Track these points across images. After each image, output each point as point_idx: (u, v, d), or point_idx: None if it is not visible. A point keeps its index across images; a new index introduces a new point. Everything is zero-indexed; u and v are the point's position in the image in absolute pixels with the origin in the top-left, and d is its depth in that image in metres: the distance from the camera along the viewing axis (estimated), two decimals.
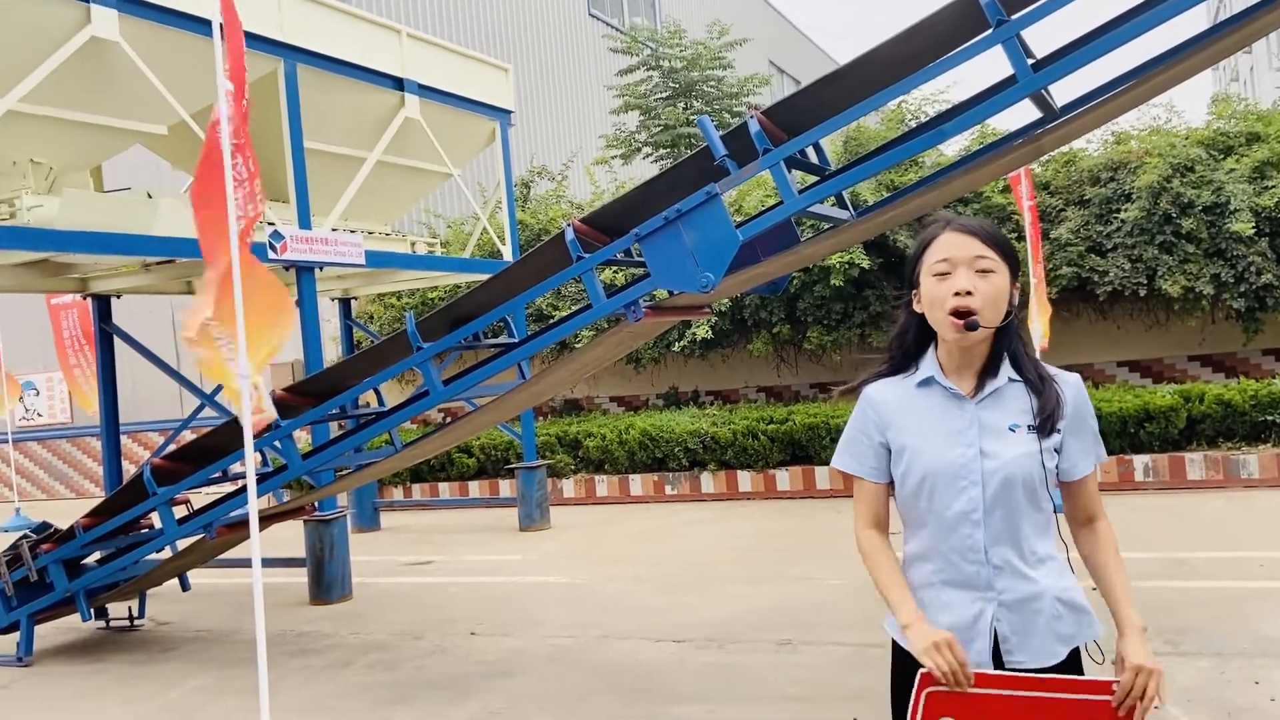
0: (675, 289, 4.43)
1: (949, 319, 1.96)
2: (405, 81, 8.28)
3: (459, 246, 12.49)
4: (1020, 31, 3.73)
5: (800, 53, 32.94)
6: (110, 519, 5.90)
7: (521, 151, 15.92)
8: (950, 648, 1.85)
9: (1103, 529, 2.04)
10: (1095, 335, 10.21)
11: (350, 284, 9.85)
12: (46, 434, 16.47)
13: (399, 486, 11.83)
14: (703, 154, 4.46)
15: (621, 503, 10.79)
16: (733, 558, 7.59)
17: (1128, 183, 9.49)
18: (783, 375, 11.85)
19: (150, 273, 7.34)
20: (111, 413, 8.20)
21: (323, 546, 7.10)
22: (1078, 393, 2.03)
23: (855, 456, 2.11)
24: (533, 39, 18.70)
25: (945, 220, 2.04)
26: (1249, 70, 43.07)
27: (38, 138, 5.94)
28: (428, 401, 5.21)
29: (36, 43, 5.52)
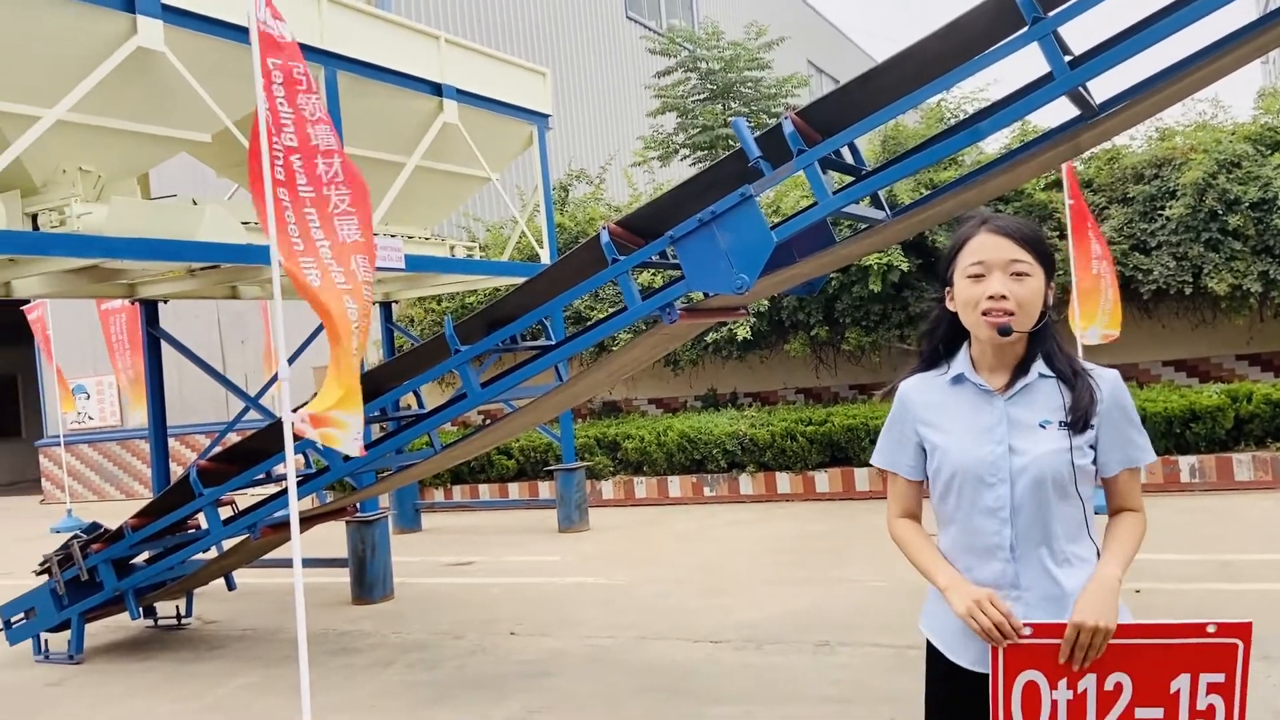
0: (710, 291, 4.44)
1: (983, 321, 1.95)
2: (443, 87, 8.36)
3: (498, 249, 12.59)
4: (1057, 29, 3.70)
5: (839, 52, 32.74)
6: (158, 520, 6.02)
7: (559, 153, 16.01)
8: (992, 602, 1.85)
9: (1130, 516, 2.01)
10: (1140, 334, 10.03)
11: (390, 288, 9.96)
12: (97, 437, 16.85)
13: (440, 488, 11.94)
14: (737, 155, 4.47)
15: (660, 504, 10.81)
16: (771, 559, 7.57)
17: (1172, 179, 9.32)
18: (821, 376, 11.79)
19: (195, 278, 7.48)
20: (159, 416, 8.37)
21: (364, 547, 7.19)
22: (1114, 388, 1.99)
23: (890, 453, 2.13)
24: (570, 41, 18.79)
25: (981, 219, 2.03)
26: None
27: (86, 146, 6.08)
28: (466, 404, 5.27)
29: (85, 54, 5.65)
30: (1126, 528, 1.99)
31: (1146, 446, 2.03)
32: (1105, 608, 1.83)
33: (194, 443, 15.69)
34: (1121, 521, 2.01)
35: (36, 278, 6.72)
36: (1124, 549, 1.96)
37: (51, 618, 6.19)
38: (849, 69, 32.50)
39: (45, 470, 17.41)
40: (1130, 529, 1.99)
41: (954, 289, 2.03)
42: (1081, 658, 1.82)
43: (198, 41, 6.16)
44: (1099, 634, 1.80)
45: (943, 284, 2.08)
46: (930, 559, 2.02)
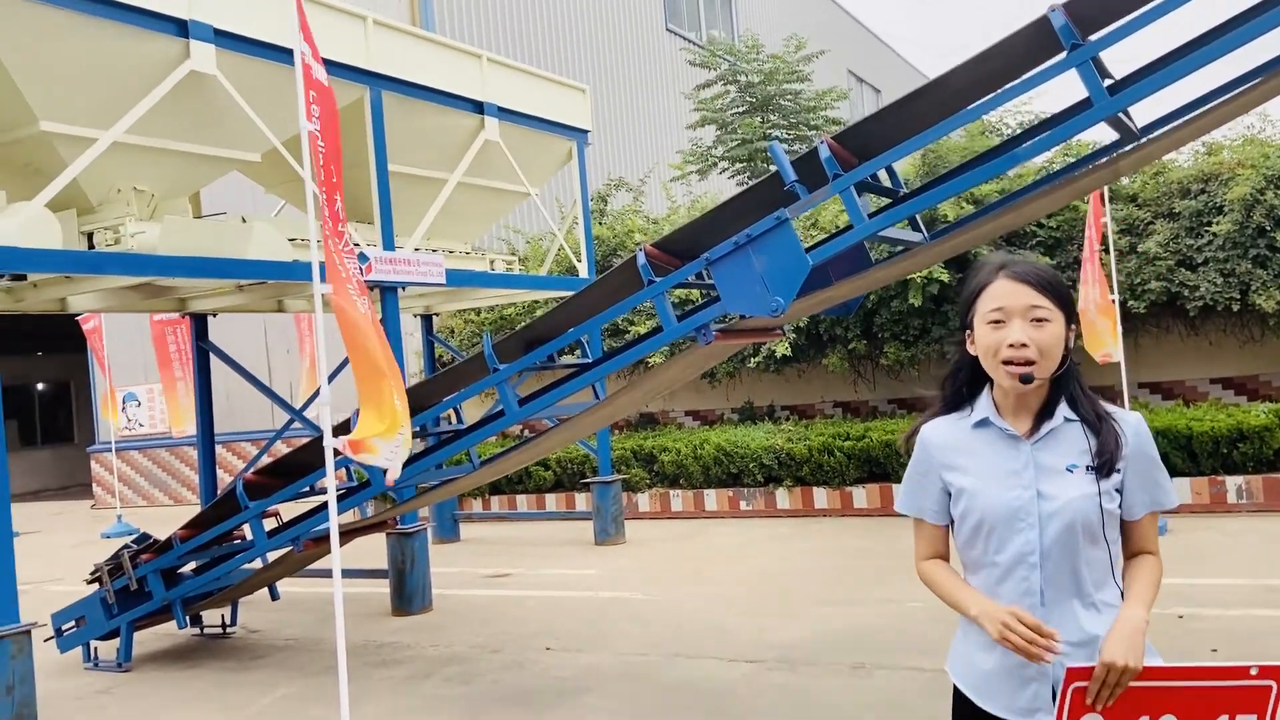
0: (745, 313, 4.47)
1: (1003, 369, 1.97)
2: (485, 105, 8.48)
3: (537, 262, 12.71)
4: (1096, 55, 3.69)
5: (880, 61, 32.57)
6: (205, 531, 6.18)
7: (599, 165, 16.12)
8: (1019, 619, 1.86)
9: (1149, 559, 2.03)
10: (1186, 352, 9.87)
11: (432, 301, 10.11)
12: (147, 443, 17.23)
13: (478, 499, 12.06)
14: (774, 179, 4.50)
15: (696, 518, 10.82)
16: (808, 577, 7.56)
17: (1219, 195, 9.18)
18: (860, 391, 11.74)
19: (244, 293, 7.65)
20: (207, 425, 8.56)
21: (404, 559, 7.30)
22: (1138, 433, 2.00)
23: (915, 498, 2.13)
24: (610, 53, 18.91)
25: (998, 264, 2.04)
26: None
27: (140, 167, 6.26)
28: (503, 421, 5.35)
29: (140, 77, 5.83)
30: (1148, 570, 2.01)
31: (1170, 490, 2.04)
32: (1133, 648, 1.83)
33: (241, 450, 15.99)
34: (1142, 564, 2.02)
35: (91, 294, 6.92)
36: (1147, 591, 1.97)
37: (101, 626, 6.36)
38: (890, 78, 32.36)
39: (96, 475, 17.83)
40: (1151, 571, 2.01)
41: (974, 334, 2.04)
42: (1108, 696, 1.83)
43: (247, 64, 6.32)
44: (1127, 673, 1.82)
45: (962, 328, 2.09)
46: (960, 591, 2.03)
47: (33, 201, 5.43)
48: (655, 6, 20.58)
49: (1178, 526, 8.09)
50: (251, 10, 6.30)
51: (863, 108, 29.34)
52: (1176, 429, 8.69)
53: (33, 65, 5.47)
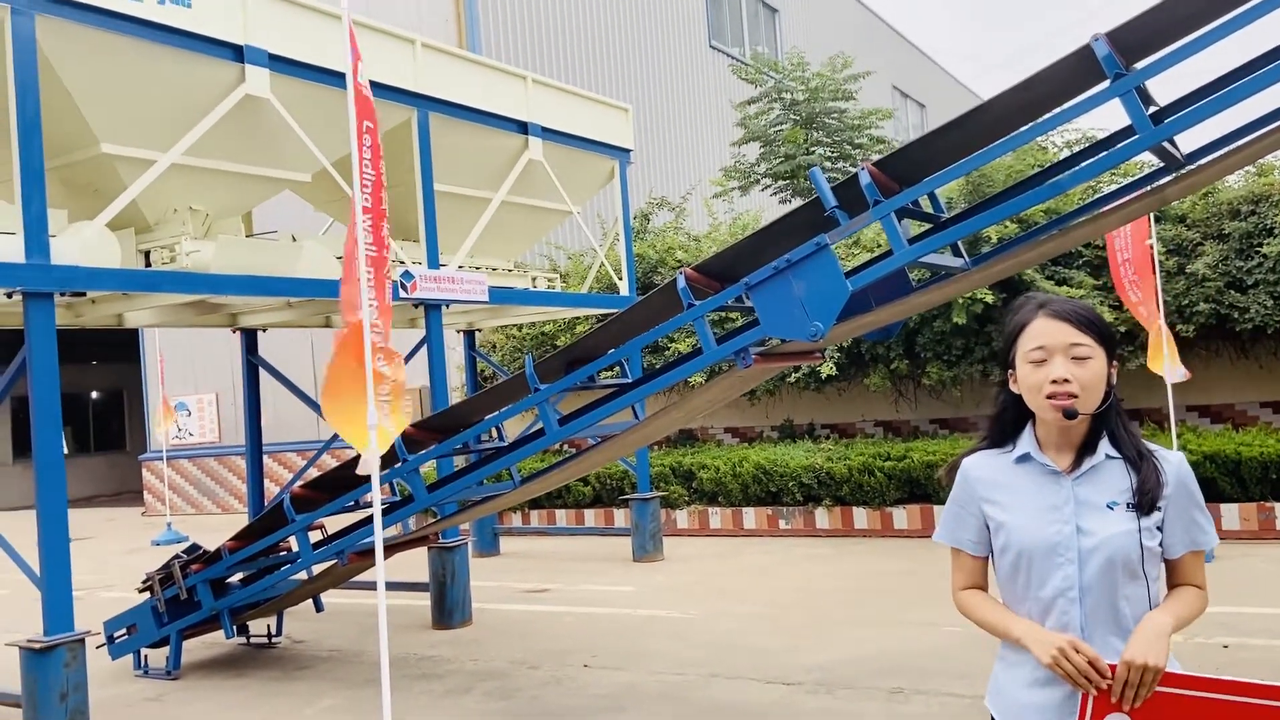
0: (785, 337, 4.50)
1: (1048, 404, 1.99)
2: (529, 125, 8.61)
3: (578, 278, 12.82)
4: (1140, 84, 3.69)
5: (926, 77, 32.42)
6: (253, 543, 6.32)
7: (641, 181, 16.23)
8: (1076, 649, 1.89)
9: (1190, 587, 2.04)
10: (1236, 374, 9.70)
11: (475, 318, 10.24)
12: (196, 452, 17.59)
13: (518, 513, 12.15)
14: (814, 203, 4.52)
15: (735, 535, 10.82)
16: (846, 598, 7.54)
17: (1270, 216, 9.03)
18: (901, 410, 11.67)
19: (293, 309, 7.84)
20: (256, 437, 8.75)
21: (445, 572, 7.39)
22: (1180, 473, 2.02)
23: (954, 529, 2.16)
24: (654, 72, 19.05)
25: (1038, 303, 2.06)
26: None
27: (196, 187, 6.46)
28: (543, 441, 5.42)
29: (197, 101, 6.02)
30: (1185, 593, 2.03)
31: (1211, 530, 2.05)
32: (1155, 648, 1.87)
33: (287, 461, 16.27)
34: (1182, 589, 2.04)
35: (147, 310, 7.13)
36: (1178, 606, 2.00)
37: (152, 634, 6.52)
38: (935, 93, 32.18)
39: (147, 483, 18.22)
40: (1190, 594, 2.03)
41: (1016, 372, 2.07)
42: (1132, 696, 1.86)
43: (300, 87, 6.50)
44: (1148, 672, 1.85)
45: (1003, 368, 2.12)
46: (1002, 614, 2.06)
47: (94, 221, 5.62)
48: (699, 24, 20.70)
49: (1225, 554, 7.94)
50: (303, 35, 6.48)
51: (907, 123, 29.22)
52: (1225, 454, 8.54)
53: (95, 90, 5.68)
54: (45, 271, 5.05)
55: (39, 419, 5.05)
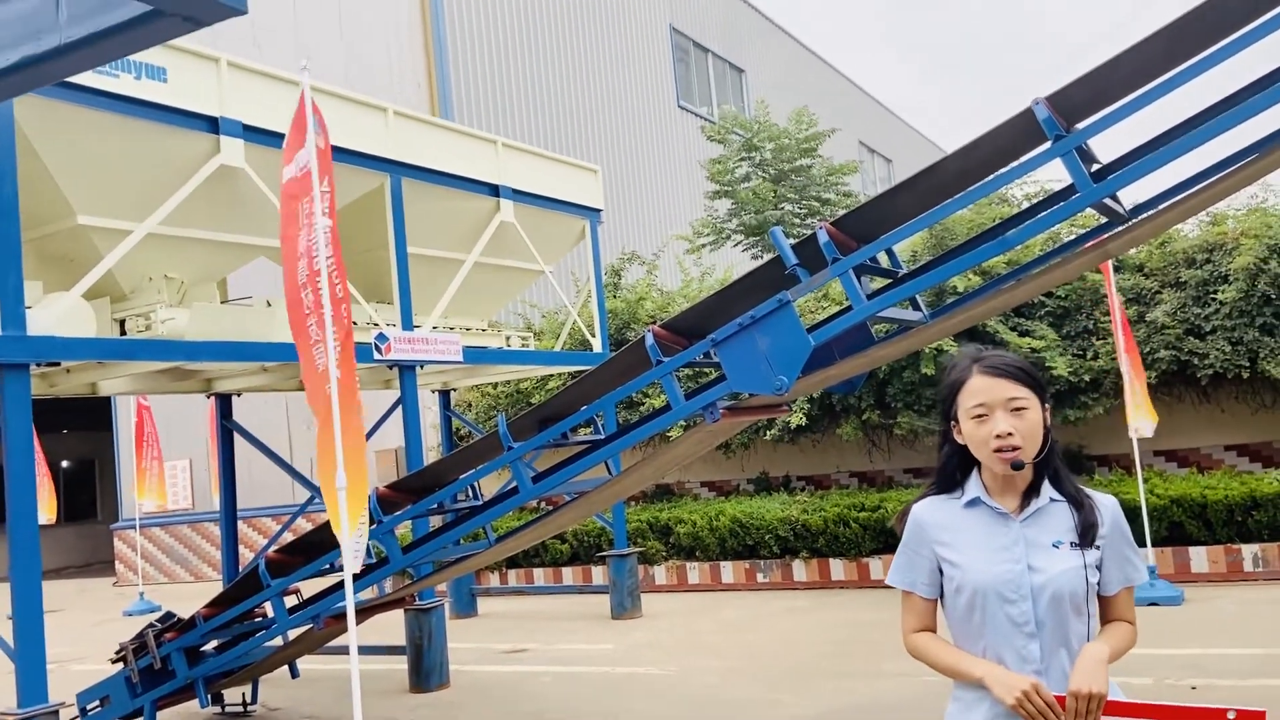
0: (751, 392, 4.61)
1: (996, 458, 2.11)
2: (500, 188, 8.79)
3: (552, 335, 12.94)
4: (1080, 144, 3.87)
5: (891, 132, 33.18)
6: (228, 609, 6.28)
7: (613, 238, 16.46)
8: (1038, 691, 1.98)
9: (1123, 623, 2.17)
10: (1199, 419, 9.91)
11: (449, 377, 10.31)
12: (169, 520, 17.39)
13: (495, 573, 12.10)
14: (777, 261, 4.67)
15: (713, 590, 10.82)
16: (826, 650, 7.56)
17: (1224, 264, 9.31)
18: (874, 460, 11.78)
19: (268, 373, 7.87)
20: (230, 502, 8.71)
21: (421, 635, 7.36)
22: (1114, 513, 2.16)
23: (907, 573, 2.26)
24: (624, 131, 19.42)
25: (972, 359, 2.20)
26: None
27: (172, 255, 6.54)
28: (518, 498, 5.47)
29: (173, 172, 6.13)
30: (1120, 626, 2.16)
31: (1142, 567, 2.19)
32: (1097, 677, 1.98)
33: (262, 526, 16.11)
34: (1115, 624, 2.17)
35: (122, 378, 7.15)
36: (1113, 639, 2.12)
37: (125, 705, 6.44)
38: (901, 148, 32.91)
39: (119, 552, 17.97)
40: (1123, 628, 2.16)
41: (959, 425, 2.19)
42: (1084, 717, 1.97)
43: (274, 156, 6.60)
44: (1093, 700, 1.96)
45: (945, 420, 2.24)
46: (959, 656, 2.15)
47: (70, 292, 5.69)
48: (668, 85, 21.17)
49: (1194, 596, 8.05)
50: (278, 106, 6.62)
51: (875, 176, 29.82)
52: (1191, 497, 8.69)
53: (72, 162, 5.78)
54: (21, 343, 5.10)
55: (14, 491, 5.05)
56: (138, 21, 1.20)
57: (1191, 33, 3.79)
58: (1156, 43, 3.81)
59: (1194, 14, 3.74)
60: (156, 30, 1.27)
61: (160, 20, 1.19)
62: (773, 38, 25.75)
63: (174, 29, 1.26)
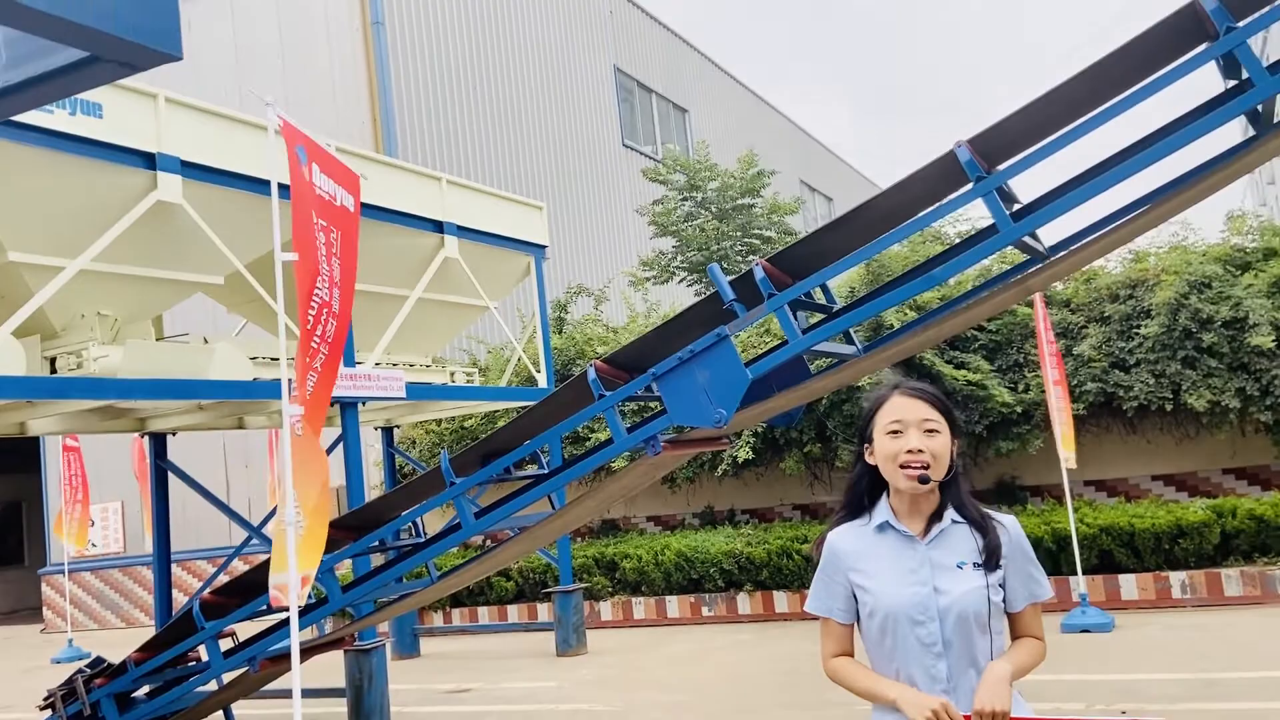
0: (690, 425, 4.68)
1: (903, 472, 2.20)
2: (445, 224, 8.81)
3: (498, 371, 12.92)
4: (1000, 185, 4.04)
5: (831, 171, 33.86)
6: (161, 653, 6.13)
7: (559, 274, 16.54)
8: (946, 710, 2.05)
9: (1030, 639, 2.25)
10: (1126, 450, 10.22)
11: (393, 414, 10.23)
12: (100, 564, 16.87)
13: (439, 612, 11.95)
14: (715, 297, 4.77)
15: (659, 625, 10.80)
16: (770, 682, 7.59)
17: (1146, 299, 9.67)
18: (816, 493, 11.92)
19: (204, 411, 7.75)
20: (164, 545, 8.51)
21: (362, 676, 7.24)
22: (1014, 533, 2.26)
23: (824, 599, 2.34)
24: (570, 169, 19.57)
25: (894, 384, 2.31)
26: None
27: (106, 292, 6.44)
28: (460, 534, 5.45)
29: (107, 208, 6.06)
30: (1027, 642, 2.25)
31: (1045, 583, 2.29)
32: (998, 694, 2.07)
33: (196, 569, 15.71)
34: (1022, 640, 2.26)
35: (52, 418, 6.99)
36: (1018, 654, 2.21)
37: None
38: (840, 187, 33.58)
39: (47, 598, 17.37)
40: (1030, 644, 2.24)
41: (873, 445, 2.28)
42: None
43: (213, 193, 6.59)
44: (996, 717, 2.05)
45: (861, 441, 2.33)
46: (874, 679, 2.23)
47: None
48: (612, 125, 21.42)
49: (1125, 623, 8.26)
50: (217, 142, 6.60)
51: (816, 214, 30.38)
52: (1120, 526, 8.94)
53: (3, 198, 5.69)
54: None
55: None
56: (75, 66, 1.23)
57: (1108, 78, 4.00)
58: (1075, 86, 4.01)
59: (1111, 59, 3.95)
60: (94, 74, 1.30)
61: (97, 65, 1.22)
62: (715, 79, 26.24)
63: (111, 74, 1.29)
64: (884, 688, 2.19)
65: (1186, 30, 3.85)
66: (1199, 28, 3.83)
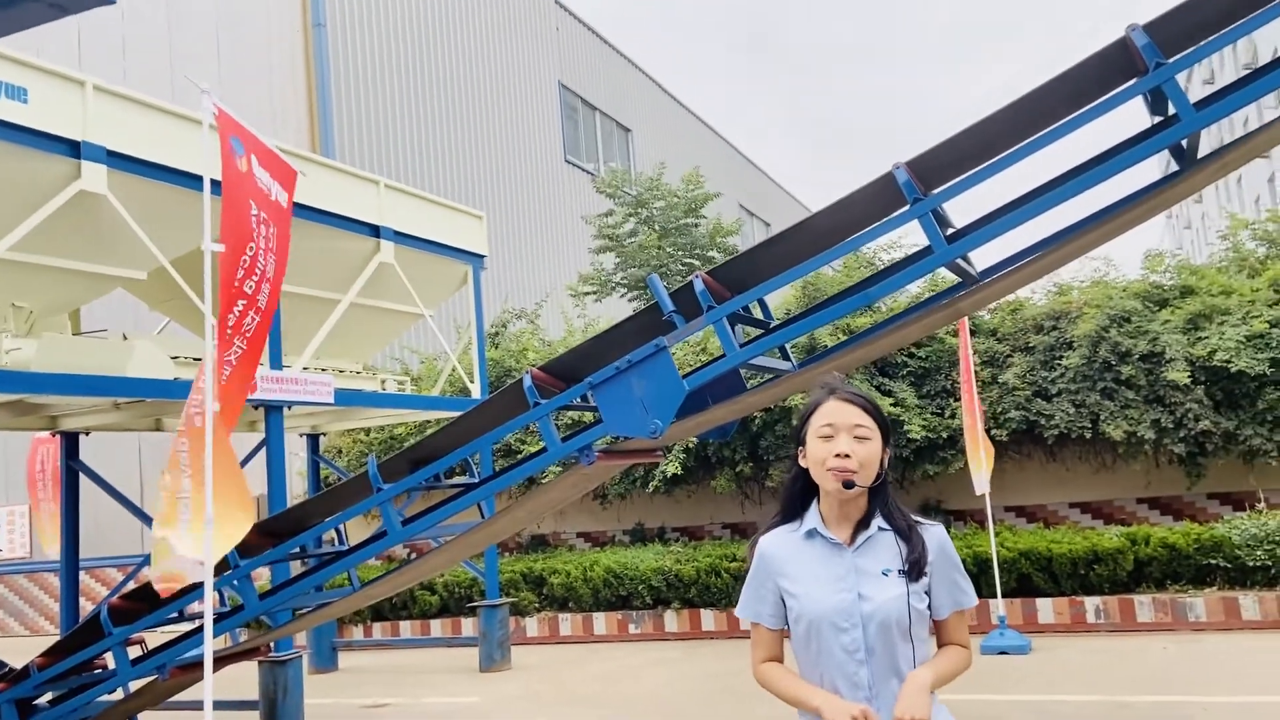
0: (626, 435, 4.65)
1: (829, 475, 2.21)
2: (381, 229, 8.67)
3: (431, 382, 12.74)
4: (935, 207, 4.12)
5: (769, 197, 34.32)
6: (65, 659, 5.87)
7: (498, 288, 16.42)
8: (866, 717, 2.06)
9: (955, 646, 2.28)
10: (1046, 477, 10.47)
11: (319, 420, 10.01)
12: (4, 569, 16.16)
13: (359, 625, 11.68)
14: (654, 308, 4.77)
15: (585, 642, 10.71)
16: (697, 699, 7.57)
17: (1069, 331, 9.95)
18: (747, 512, 11.97)
19: (120, 411, 7.48)
20: (72, 550, 8.18)
21: (276, 688, 7.03)
22: (940, 541, 2.27)
23: (753, 605, 2.33)
24: (510, 182, 19.49)
25: (830, 388, 2.31)
26: (1200, 219, 45.17)
27: (22, 283, 6.19)
28: (385, 542, 5.33)
29: (27, 195, 5.83)
30: (949, 651, 2.27)
31: (970, 591, 2.31)
32: (918, 702, 2.09)
33: (105, 577, 15.14)
34: (946, 649, 2.28)
35: None
36: (940, 662, 2.22)
37: None
38: (778, 213, 34.04)
39: None
40: (953, 653, 2.26)
41: (806, 448, 2.28)
42: None
43: (139, 185, 6.39)
44: None
45: (796, 443, 2.34)
46: (799, 686, 2.24)
47: None
48: (555, 140, 21.41)
49: (1041, 645, 8.44)
50: (146, 133, 6.41)
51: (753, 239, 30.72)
52: (1038, 550, 9.15)
53: None
54: None
55: None
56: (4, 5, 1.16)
57: (1041, 108, 4.11)
58: (1009, 115, 4.12)
59: (1044, 90, 4.06)
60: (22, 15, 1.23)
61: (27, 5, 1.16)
62: (659, 101, 26.44)
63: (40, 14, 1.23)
64: (808, 694, 2.19)
65: (1117, 64, 3.98)
66: (1130, 63, 3.96)
